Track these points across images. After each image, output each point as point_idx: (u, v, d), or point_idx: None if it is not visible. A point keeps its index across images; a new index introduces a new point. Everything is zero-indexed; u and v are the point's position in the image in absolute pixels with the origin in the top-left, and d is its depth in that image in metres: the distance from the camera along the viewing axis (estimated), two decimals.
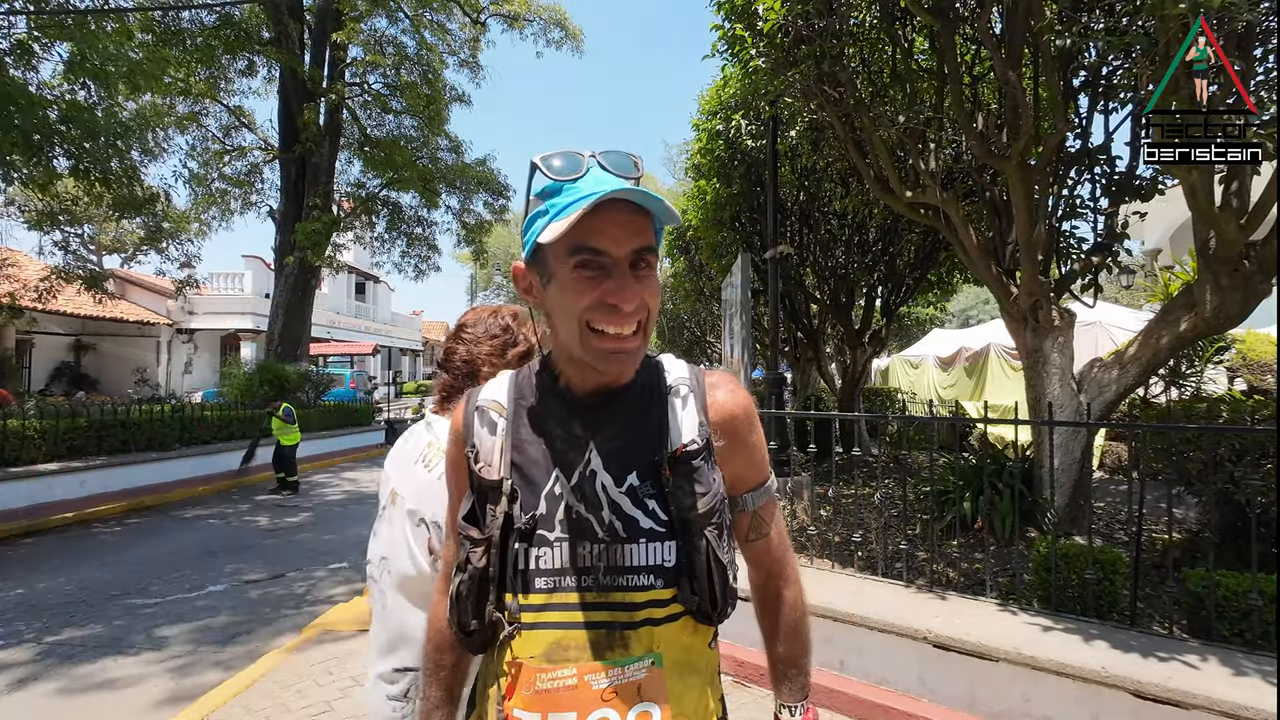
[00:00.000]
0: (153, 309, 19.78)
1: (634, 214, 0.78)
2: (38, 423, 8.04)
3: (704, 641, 0.86)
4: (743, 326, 5.56)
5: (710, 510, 0.82)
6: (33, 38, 7.17)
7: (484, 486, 0.85)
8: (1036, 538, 3.85)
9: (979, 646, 2.77)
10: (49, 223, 10.88)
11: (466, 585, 0.83)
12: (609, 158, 0.80)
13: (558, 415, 0.87)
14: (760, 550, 0.96)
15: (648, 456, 0.84)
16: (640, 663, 0.79)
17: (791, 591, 0.98)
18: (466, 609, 0.83)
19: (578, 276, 0.77)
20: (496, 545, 0.82)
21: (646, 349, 0.85)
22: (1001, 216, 4.97)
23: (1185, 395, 5.34)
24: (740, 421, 0.90)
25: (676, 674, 0.81)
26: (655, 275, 0.83)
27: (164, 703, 3.25)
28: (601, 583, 0.80)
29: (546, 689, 0.77)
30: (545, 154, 0.80)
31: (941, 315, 19.29)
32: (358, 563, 5.78)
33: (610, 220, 0.76)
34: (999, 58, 3.86)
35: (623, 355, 0.79)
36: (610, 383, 0.87)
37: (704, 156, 8.04)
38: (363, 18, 13.59)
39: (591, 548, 0.81)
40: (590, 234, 0.76)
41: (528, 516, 0.82)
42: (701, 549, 0.81)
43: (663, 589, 0.81)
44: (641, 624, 0.80)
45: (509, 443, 0.87)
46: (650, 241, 0.80)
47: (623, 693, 0.77)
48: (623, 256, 0.77)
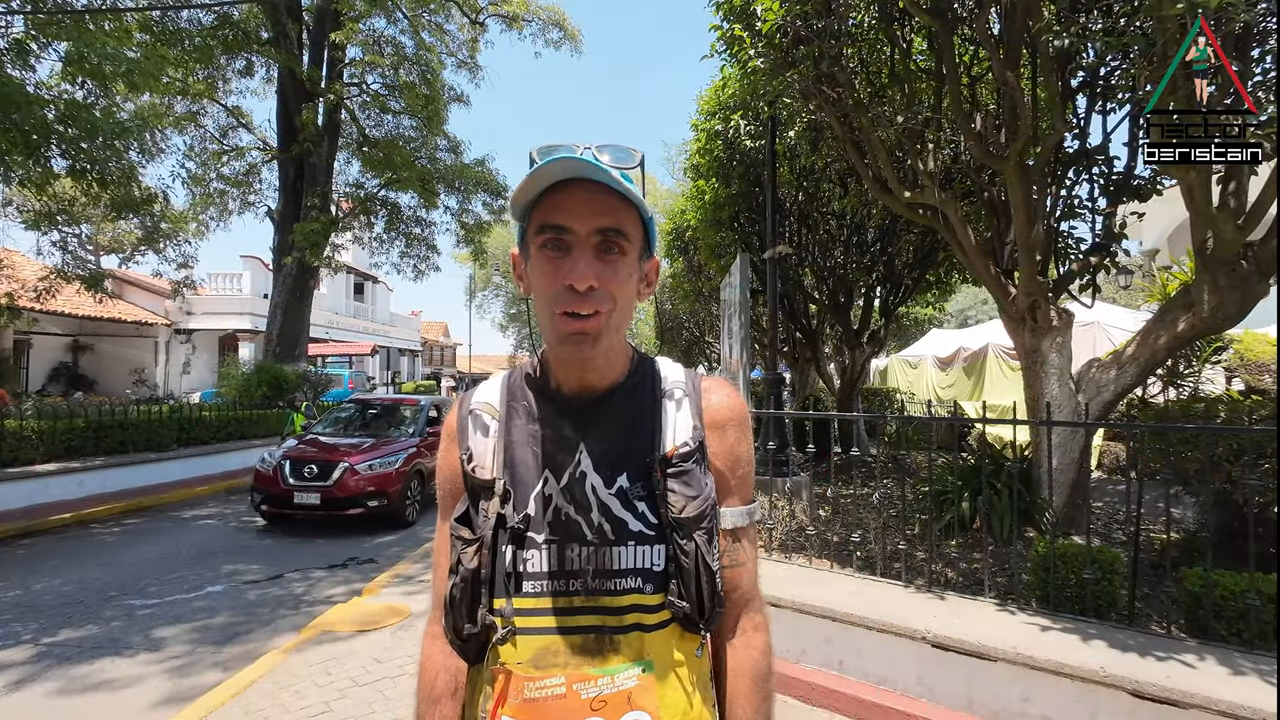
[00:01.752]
0: (151, 309, 19.74)
1: (603, 194, 0.77)
2: (35, 423, 8.03)
3: (692, 649, 0.84)
4: (741, 327, 5.56)
5: (701, 514, 0.81)
6: (30, 37, 7.15)
7: (477, 487, 0.85)
8: (1035, 537, 3.85)
9: (977, 646, 2.77)
10: (46, 223, 10.85)
11: (459, 588, 0.82)
12: (604, 149, 0.80)
13: (549, 416, 0.86)
14: (732, 580, 0.87)
15: (639, 458, 0.83)
16: (630, 670, 0.78)
17: (763, 636, 0.89)
18: (461, 612, 0.82)
19: (544, 255, 0.78)
20: (489, 545, 0.81)
21: (615, 341, 0.83)
22: (1000, 217, 4.98)
23: (1183, 395, 5.35)
24: (733, 428, 0.89)
25: (668, 681, 0.80)
26: (626, 264, 0.80)
27: (162, 703, 3.24)
28: (590, 586, 0.79)
29: (535, 698, 0.76)
30: (544, 145, 0.81)
31: (940, 315, 19.30)
32: (356, 563, 5.78)
33: (575, 198, 0.76)
34: (997, 58, 3.87)
35: (578, 337, 0.77)
36: (595, 381, 0.86)
37: (703, 157, 8.05)
38: (361, 18, 13.57)
39: (580, 550, 0.80)
40: (554, 211, 0.77)
41: (521, 515, 0.82)
42: (691, 553, 0.79)
43: (651, 594, 0.80)
44: (630, 629, 0.79)
45: (501, 444, 0.86)
46: (619, 224, 0.77)
47: (613, 702, 0.76)
48: (585, 234, 0.76)
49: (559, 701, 0.76)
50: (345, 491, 6.75)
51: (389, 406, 8.99)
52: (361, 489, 6.82)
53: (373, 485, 6.90)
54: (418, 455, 7.53)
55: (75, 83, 7.73)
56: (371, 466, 7.00)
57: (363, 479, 6.87)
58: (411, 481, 7.35)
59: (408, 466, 7.28)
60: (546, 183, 0.76)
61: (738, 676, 0.87)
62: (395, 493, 7.04)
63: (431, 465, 6.16)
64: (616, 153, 0.80)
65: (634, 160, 0.82)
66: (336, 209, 15.09)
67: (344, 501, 6.77)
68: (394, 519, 7.10)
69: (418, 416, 8.52)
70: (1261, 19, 3.17)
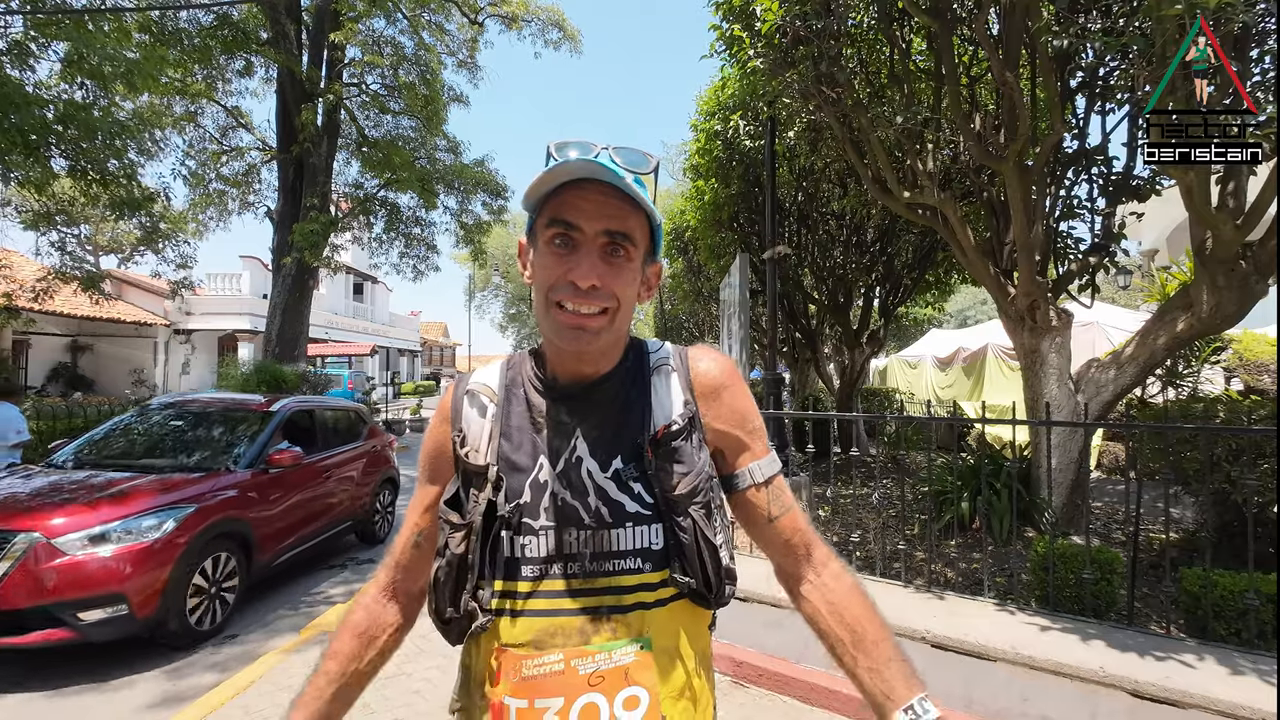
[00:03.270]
0: (150, 309, 19.73)
1: (615, 197, 0.78)
2: (34, 424, 8.02)
3: (703, 624, 0.86)
4: (741, 327, 5.56)
5: (694, 490, 0.82)
6: (29, 37, 7.15)
7: (469, 472, 0.85)
8: (1034, 538, 3.86)
9: (977, 646, 2.77)
10: (45, 223, 10.84)
11: (444, 571, 0.82)
12: (620, 152, 0.81)
13: (545, 404, 0.87)
14: (788, 528, 0.89)
15: (632, 440, 0.84)
16: (628, 647, 0.78)
17: (837, 563, 0.90)
18: (444, 595, 0.83)
19: (550, 250, 0.80)
20: (477, 532, 0.82)
21: (621, 339, 0.84)
22: (999, 217, 4.98)
23: (1182, 395, 5.35)
24: (725, 388, 0.90)
25: (666, 658, 0.81)
26: (631, 267, 0.81)
27: (161, 704, 3.24)
28: (588, 569, 0.80)
29: (533, 675, 0.77)
30: (561, 140, 0.82)
31: (939, 315, 19.32)
32: (355, 564, 5.77)
33: (587, 198, 0.77)
34: (996, 58, 3.87)
35: (578, 331, 0.79)
36: (589, 371, 0.86)
37: (702, 157, 8.04)
38: (360, 18, 13.58)
39: (578, 534, 0.81)
40: (565, 207, 0.78)
41: (513, 505, 0.82)
42: (689, 529, 0.80)
43: (652, 572, 0.81)
44: (632, 608, 0.80)
45: (497, 429, 0.87)
46: (626, 228, 0.79)
47: (610, 677, 0.77)
48: (593, 234, 0.78)
49: (557, 677, 0.77)
50: (22, 594, 3.29)
51: (208, 414, 5.13)
52: (62, 586, 3.33)
53: (90, 578, 3.38)
54: (224, 508, 4.08)
55: (74, 83, 7.72)
56: (97, 539, 3.48)
57: (68, 568, 3.37)
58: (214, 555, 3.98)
59: (187, 535, 3.76)
60: (562, 179, 0.77)
61: (850, 599, 0.86)
62: (147, 592, 3.52)
63: (263, 531, 4.45)
64: (631, 156, 0.81)
65: (649, 165, 0.83)
66: (336, 209, 15.08)
67: (17, 615, 3.31)
68: (157, 628, 3.65)
69: (254, 434, 4.81)
70: (1260, 19, 3.17)
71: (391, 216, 16.32)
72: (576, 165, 0.75)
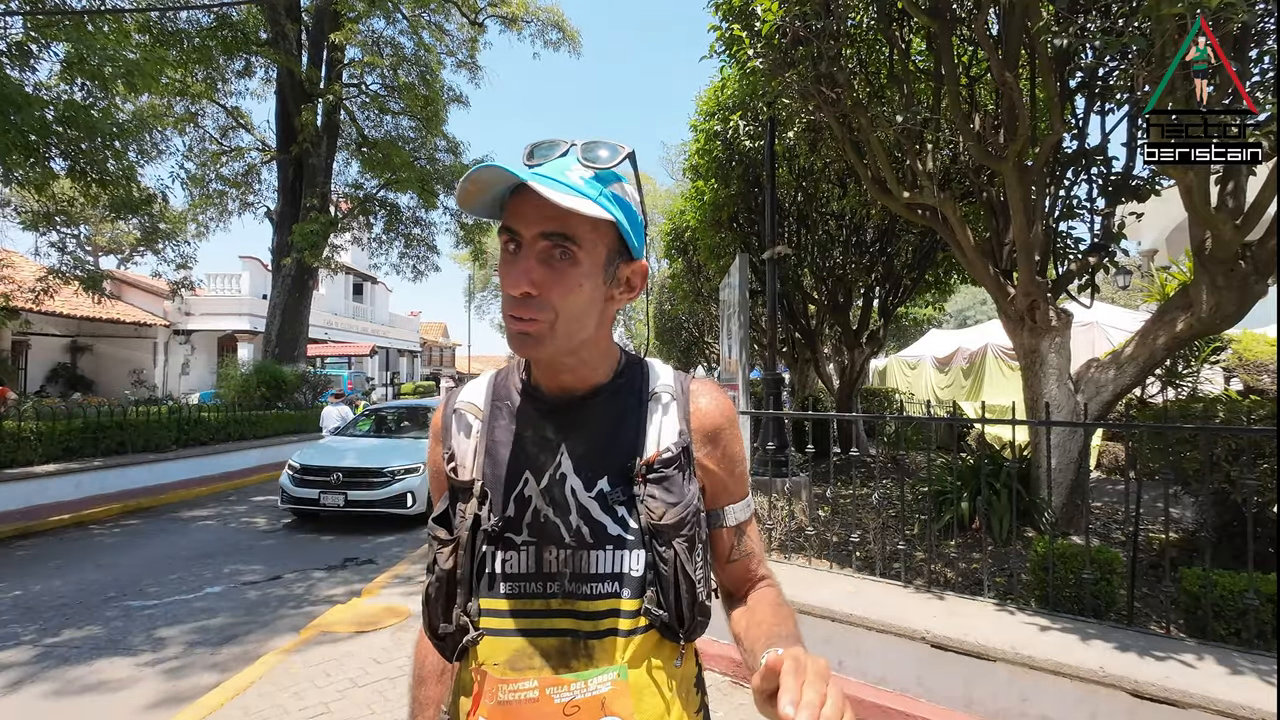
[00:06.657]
0: (150, 310, 19.73)
1: None
2: (34, 424, 8.02)
3: (671, 658, 0.83)
4: (740, 327, 5.55)
5: (681, 521, 0.80)
6: (30, 38, 7.15)
7: (456, 487, 0.85)
8: (1034, 538, 3.86)
9: (977, 646, 2.77)
10: (45, 224, 10.85)
11: (435, 588, 0.82)
12: (586, 147, 0.79)
13: (531, 417, 0.86)
14: (742, 570, 0.92)
15: (620, 462, 0.82)
16: (604, 675, 0.77)
17: (776, 589, 0.92)
18: (436, 611, 0.82)
19: (504, 256, 0.79)
20: (465, 547, 0.81)
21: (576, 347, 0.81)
22: (998, 217, 4.98)
23: (1182, 395, 5.36)
24: (723, 430, 0.89)
25: (645, 688, 0.79)
26: (576, 270, 0.76)
27: (161, 704, 3.24)
28: (567, 589, 0.79)
29: (508, 701, 0.76)
30: (534, 141, 0.82)
31: (939, 316, 19.33)
32: (355, 564, 5.78)
33: (526, 201, 0.75)
34: (996, 59, 3.87)
35: (522, 337, 0.77)
36: (573, 383, 0.85)
37: (702, 157, 8.04)
38: (360, 18, 13.59)
39: (558, 553, 0.80)
40: (509, 213, 0.78)
41: (497, 519, 0.81)
42: (670, 560, 0.78)
43: (628, 599, 0.79)
44: (606, 634, 0.78)
45: (483, 444, 0.86)
46: (565, 229, 0.75)
47: (586, 707, 0.75)
48: (530, 238, 0.76)
49: (532, 705, 0.75)
50: None
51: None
52: None
53: None
54: None
55: (74, 84, 7.73)
56: None
57: None
58: None
59: None
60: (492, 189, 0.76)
61: (761, 602, 0.88)
62: None
63: None
64: (595, 151, 0.78)
65: (615, 158, 0.78)
66: (335, 209, 15.09)
67: None
68: None
69: None
70: (1260, 19, 3.17)
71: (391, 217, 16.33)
72: (484, 172, 0.73)
